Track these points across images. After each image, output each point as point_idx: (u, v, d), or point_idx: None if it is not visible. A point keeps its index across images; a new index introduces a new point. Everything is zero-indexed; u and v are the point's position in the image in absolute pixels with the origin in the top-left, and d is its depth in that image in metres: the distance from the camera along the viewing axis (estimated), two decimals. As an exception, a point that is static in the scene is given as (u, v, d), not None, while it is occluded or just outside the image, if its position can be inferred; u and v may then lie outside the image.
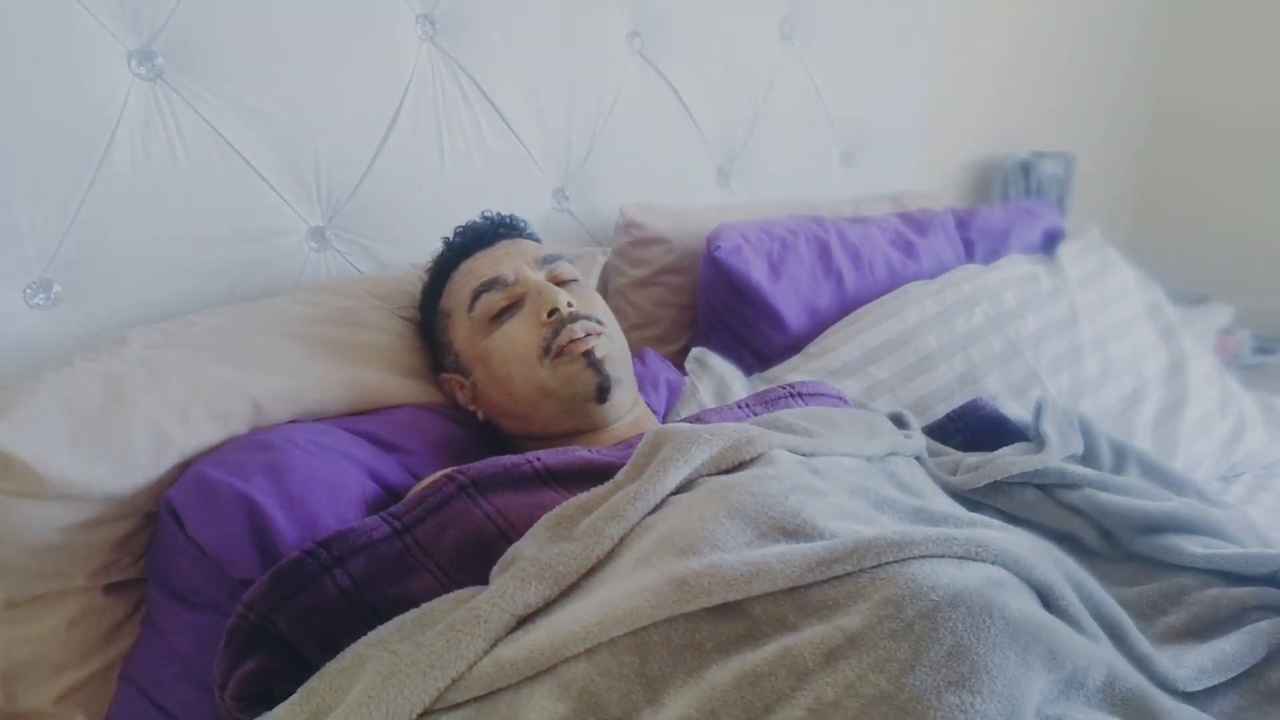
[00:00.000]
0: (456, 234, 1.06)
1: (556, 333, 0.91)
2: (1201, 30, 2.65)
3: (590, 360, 0.91)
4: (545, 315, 0.92)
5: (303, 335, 0.98)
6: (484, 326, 0.96)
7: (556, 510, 0.70)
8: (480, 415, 0.99)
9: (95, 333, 0.95)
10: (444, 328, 1.01)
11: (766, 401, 0.98)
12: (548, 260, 1.00)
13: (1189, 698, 0.62)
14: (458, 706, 0.57)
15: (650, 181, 1.47)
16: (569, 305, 0.93)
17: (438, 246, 1.06)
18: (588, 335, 0.92)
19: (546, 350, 0.91)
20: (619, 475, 0.71)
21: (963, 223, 1.58)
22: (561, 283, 0.98)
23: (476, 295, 0.96)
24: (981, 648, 0.50)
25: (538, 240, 1.09)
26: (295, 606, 0.67)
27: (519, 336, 0.93)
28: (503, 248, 1.01)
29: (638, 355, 1.21)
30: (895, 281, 1.39)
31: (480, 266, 0.99)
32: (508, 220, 1.08)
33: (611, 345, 0.94)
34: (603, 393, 0.91)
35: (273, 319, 0.99)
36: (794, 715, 0.50)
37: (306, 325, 1.00)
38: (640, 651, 0.56)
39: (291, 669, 0.65)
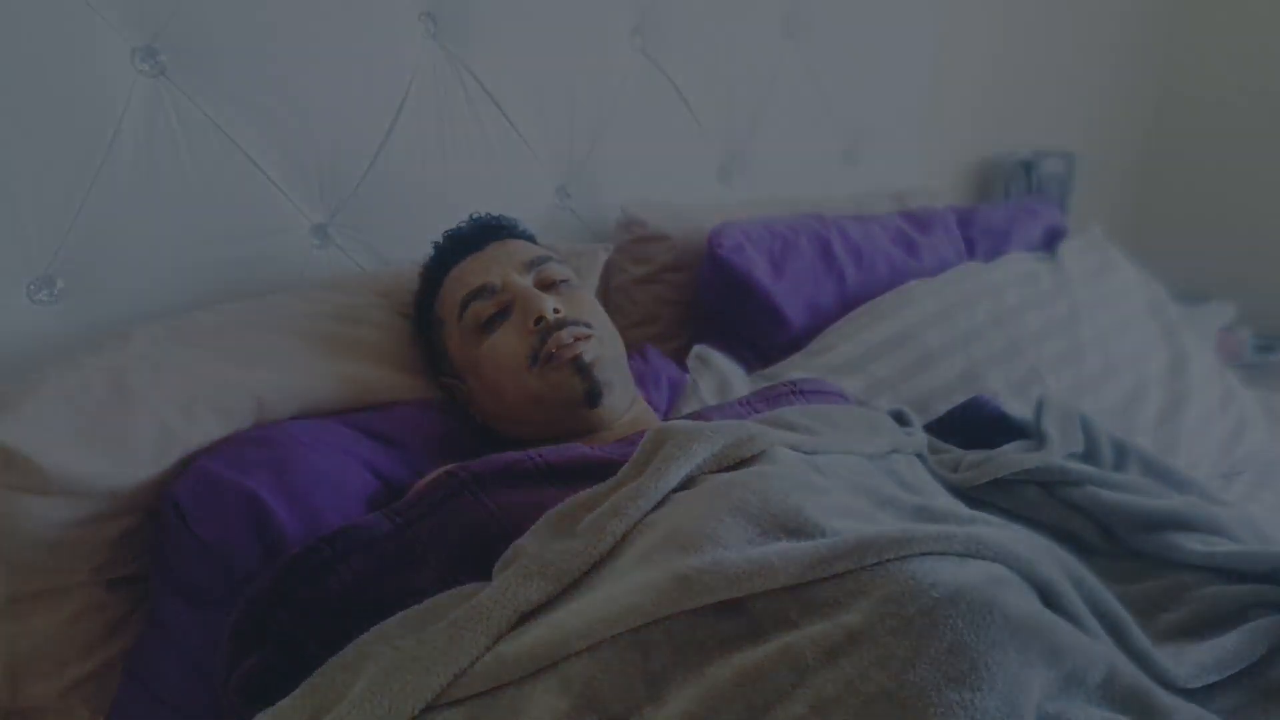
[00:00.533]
0: (445, 239, 1.04)
1: (543, 340, 0.90)
2: (1203, 28, 2.65)
3: (578, 366, 0.90)
4: (531, 323, 0.91)
5: (305, 332, 0.98)
6: (474, 335, 0.95)
7: (558, 507, 0.70)
8: (478, 419, 0.99)
9: (98, 329, 0.95)
10: (439, 335, 1.01)
11: (768, 398, 0.98)
12: (536, 262, 0.98)
13: (1189, 695, 0.62)
14: (460, 702, 0.58)
15: (652, 179, 1.47)
16: (555, 311, 0.91)
17: (430, 250, 1.05)
18: (575, 341, 0.90)
19: (534, 358, 0.90)
20: (621, 472, 0.71)
21: (964, 221, 1.58)
22: (550, 284, 0.97)
23: (465, 304, 0.96)
24: (982, 645, 0.50)
25: (529, 237, 1.08)
26: (297, 602, 0.67)
27: (507, 345, 0.92)
28: (490, 252, 1.00)
29: (639, 352, 1.21)
30: (897, 279, 1.39)
31: (467, 274, 0.98)
32: (495, 221, 1.06)
33: (602, 348, 0.93)
34: (592, 398, 0.90)
35: (275, 315, 1.00)
36: (795, 712, 0.50)
37: (309, 322, 1.00)
38: (642, 648, 0.56)
39: (294, 664, 0.66)
